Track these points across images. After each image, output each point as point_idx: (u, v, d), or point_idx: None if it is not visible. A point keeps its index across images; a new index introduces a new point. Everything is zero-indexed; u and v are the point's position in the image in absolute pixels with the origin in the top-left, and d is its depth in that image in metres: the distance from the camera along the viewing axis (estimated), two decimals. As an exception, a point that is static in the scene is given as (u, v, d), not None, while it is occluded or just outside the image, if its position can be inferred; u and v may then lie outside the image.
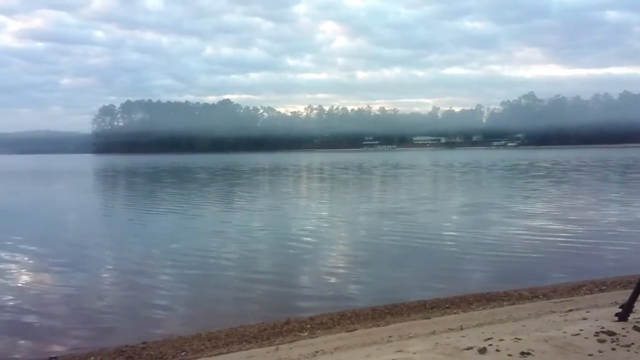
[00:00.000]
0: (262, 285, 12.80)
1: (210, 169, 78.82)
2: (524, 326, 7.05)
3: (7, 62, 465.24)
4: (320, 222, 22.45)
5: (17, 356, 8.77)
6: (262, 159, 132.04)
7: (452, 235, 18.53)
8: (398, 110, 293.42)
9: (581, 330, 6.07)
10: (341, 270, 14.02)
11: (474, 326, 7.57)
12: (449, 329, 7.53)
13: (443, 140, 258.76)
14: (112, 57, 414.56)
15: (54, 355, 8.61)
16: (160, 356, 8.18)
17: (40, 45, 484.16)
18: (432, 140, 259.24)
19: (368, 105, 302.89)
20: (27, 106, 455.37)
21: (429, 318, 8.83)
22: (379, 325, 8.57)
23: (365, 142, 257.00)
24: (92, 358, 8.28)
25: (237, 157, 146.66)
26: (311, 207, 28.63)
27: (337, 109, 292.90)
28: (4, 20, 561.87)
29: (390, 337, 7.32)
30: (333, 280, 13.08)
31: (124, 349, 8.54)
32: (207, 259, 15.59)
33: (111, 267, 15.17)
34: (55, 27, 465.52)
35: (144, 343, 8.81)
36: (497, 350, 5.56)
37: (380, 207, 27.00)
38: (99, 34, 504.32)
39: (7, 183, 57.64)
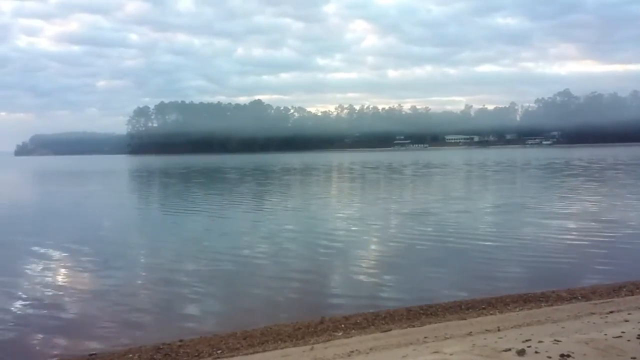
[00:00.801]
0: (294, 284, 12.86)
1: (240, 169, 79.44)
2: (563, 328, 6.94)
3: (45, 65, 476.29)
4: (349, 222, 22.40)
5: (57, 352, 8.99)
6: (293, 158, 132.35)
7: (485, 236, 18.27)
8: (430, 109, 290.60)
9: (623, 332, 5.95)
10: (372, 271, 13.98)
11: (512, 327, 7.48)
12: (486, 330, 7.44)
13: (476, 138, 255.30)
14: (146, 59, 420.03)
15: (93, 352, 8.80)
16: (196, 354, 8.28)
17: (76, 48, 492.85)
18: (464, 139, 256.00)
19: (399, 104, 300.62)
20: (64, 108, 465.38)
21: (464, 319, 8.73)
22: (414, 326, 8.51)
23: (396, 142, 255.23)
24: (131, 355, 8.41)
25: (268, 157, 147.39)
26: (340, 207, 28.57)
27: (367, 108, 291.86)
28: (41, 25, 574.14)
29: (426, 337, 7.27)
30: (364, 280, 13.06)
31: (161, 347, 8.67)
32: (239, 259, 15.71)
33: (146, 265, 15.45)
34: (90, 30, 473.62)
35: (180, 341, 8.93)
36: (536, 352, 5.48)
37: (409, 208, 26.77)
38: (132, 37, 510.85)
39: (48, 183, 59.08)
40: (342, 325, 9.05)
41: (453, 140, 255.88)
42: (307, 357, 7.17)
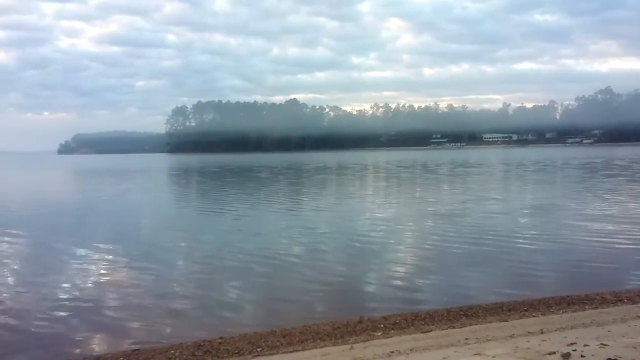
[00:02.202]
0: (329, 284, 12.87)
1: (273, 168, 79.72)
2: (609, 331, 6.79)
3: (86, 66, 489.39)
4: (382, 223, 22.20)
5: (100, 348, 9.20)
6: (327, 157, 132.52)
7: (522, 238, 17.88)
8: (467, 107, 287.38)
9: (673, 337, 5.77)
10: (407, 271, 13.89)
11: (555, 330, 7.34)
12: (529, 332, 7.33)
13: (514, 137, 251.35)
14: (183, 59, 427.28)
15: (136, 348, 8.98)
16: (236, 351, 8.37)
17: (115, 49, 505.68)
18: (502, 137, 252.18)
19: (435, 103, 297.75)
20: (105, 108, 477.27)
21: (506, 321, 8.60)
22: (454, 327, 8.43)
23: (432, 140, 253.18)
24: (172, 351, 8.55)
25: (302, 156, 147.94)
26: (372, 207, 28.40)
27: (403, 106, 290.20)
28: (82, 27, 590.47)
29: (467, 339, 7.20)
30: (400, 280, 12.99)
31: (202, 344, 8.79)
32: (273, 258, 15.74)
33: (182, 264, 15.67)
34: (129, 31, 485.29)
35: (221, 338, 9.04)
36: (582, 356, 5.37)
37: (443, 208, 26.45)
38: (170, 37, 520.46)
39: (89, 181, 60.53)
40: (381, 325, 9.02)
41: (491, 139, 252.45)
42: (347, 356, 7.18)
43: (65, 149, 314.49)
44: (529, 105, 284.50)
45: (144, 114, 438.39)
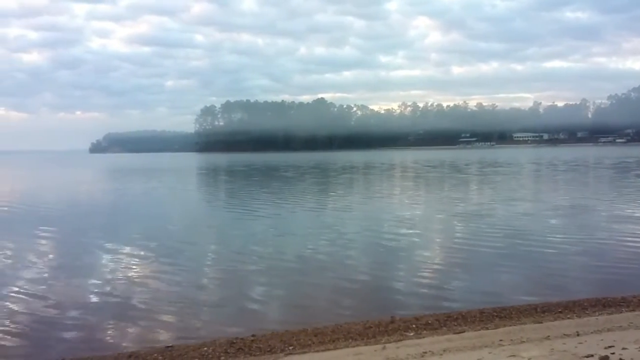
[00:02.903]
0: (358, 283, 12.89)
1: (299, 167, 79.88)
2: (648, 335, 6.65)
3: (117, 66, 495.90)
4: (408, 223, 22.08)
5: (134, 344, 9.34)
6: (355, 157, 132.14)
7: (553, 239, 17.59)
8: (496, 106, 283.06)
9: None
10: (436, 271, 13.81)
11: (592, 332, 7.23)
12: (564, 334, 7.23)
13: (545, 136, 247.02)
14: (212, 59, 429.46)
15: (169, 345, 9.11)
16: (269, 349, 8.43)
17: (146, 49, 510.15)
18: (533, 136, 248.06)
19: (464, 101, 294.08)
20: (135, 108, 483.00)
21: (540, 322, 8.49)
22: (487, 328, 8.36)
23: (461, 140, 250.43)
24: (205, 348, 8.65)
25: (329, 155, 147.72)
26: (398, 207, 28.33)
27: (431, 105, 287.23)
28: (113, 27, 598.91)
29: (501, 340, 7.13)
30: (429, 280, 12.93)
31: (234, 341, 8.88)
32: (302, 257, 15.85)
33: (212, 262, 15.87)
34: (158, 31, 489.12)
35: (253, 336, 9.12)
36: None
37: (471, 208, 26.19)
38: (199, 38, 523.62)
39: (120, 180, 61.44)
40: (413, 326, 8.99)
41: (521, 138, 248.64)
42: (380, 356, 7.18)
43: (97, 148, 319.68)
44: (560, 103, 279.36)
45: (173, 113, 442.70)
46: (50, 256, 17.04)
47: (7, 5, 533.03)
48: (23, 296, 12.34)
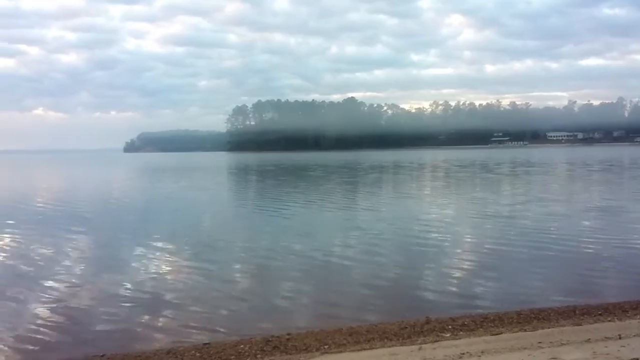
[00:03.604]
0: (389, 283, 12.88)
1: (328, 167, 79.77)
2: (694, 339, 6.49)
3: (151, 66, 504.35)
4: (439, 223, 21.82)
5: (172, 341, 9.47)
6: (385, 156, 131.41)
7: (587, 241, 17.22)
8: (530, 105, 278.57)
9: None
10: (468, 273, 13.68)
11: (634, 336, 7.08)
12: (605, 337, 7.09)
13: (580, 136, 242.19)
14: (244, 59, 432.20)
15: (206, 342, 9.22)
16: (304, 348, 8.48)
17: (179, 49, 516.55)
18: (567, 136, 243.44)
19: (497, 100, 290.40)
20: (168, 107, 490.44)
21: (580, 325, 8.36)
22: (525, 330, 8.25)
23: (494, 139, 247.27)
24: (242, 346, 8.74)
25: (359, 155, 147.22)
26: (428, 207, 28.05)
27: (463, 104, 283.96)
28: (148, 28, 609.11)
29: (540, 343, 7.04)
30: (462, 281, 12.84)
31: (270, 339, 8.95)
32: (331, 257, 15.83)
33: (243, 260, 15.96)
34: (192, 32, 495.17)
35: (288, 334, 9.17)
36: (668, 364, 5.17)
37: (502, 209, 25.80)
38: (231, 37, 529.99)
39: (151, 179, 62.40)
40: (449, 327, 8.93)
41: (555, 138, 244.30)
42: (416, 356, 7.16)
43: (131, 147, 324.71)
44: (595, 102, 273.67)
45: (205, 113, 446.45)
46: (87, 253, 17.44)
47: (47, 7, 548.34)
48: (60, 292, 12.65)
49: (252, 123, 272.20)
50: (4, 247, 18.59)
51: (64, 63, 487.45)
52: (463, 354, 6.83)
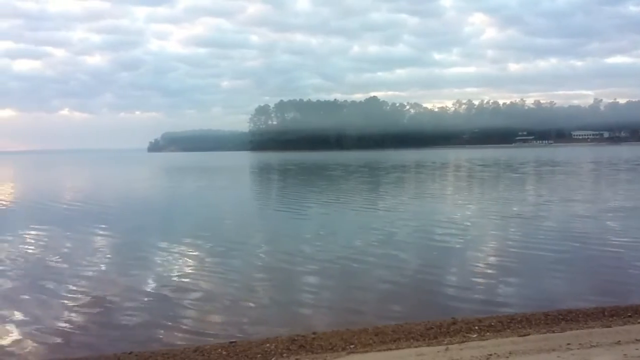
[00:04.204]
0: (412, 284, 12.88)
1: (348, 166, 79.59)
2: None
3: (175, 67, 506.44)
4: (461, 223, 21.64)
5: (199, 339, 9.58)
6: (407, 155, 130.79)
7: (613, 242, 16.96)
8: (555, 104, 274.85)
9: None
10: (493, 274, 13.57)
11: (666, 338, 6.98)
12: (636, 339, 6.99)
13: (606, 134, 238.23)
14: (266, 59, 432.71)
15: (233, 340, 9.30)
16: (330, 347, 8.50)
17: (202, 50, 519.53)
18: (593, 135, 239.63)
19: (521, 99, 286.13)
20: (191, 107, 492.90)
21: (609, 326, 8.25)
22: (553, 332, 8.17)
23: (518, 138, 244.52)
24: (268, 344, 8.79)
25: (381, 154, 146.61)
26: (448, 207, 27.90)
27: (487, 103, 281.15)
28: (171, 29, 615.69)
29: (568, 344, 6.96)
30: (486, 282, 12.76)
31: (296, 338, 8.99)
32: (353, 257, 15.76)
33: (264, 260, 16.05)
34: (214, 33, 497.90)
35: (314, 333, 9.21)
36: (702, 368, 5.09)
37: (525, 209, 25.46)
38: (253, 38, 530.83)
39: (174, 178, 63.02)
40: (476, 327, 8.88)
41: (580, 137, 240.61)
42: (443, 357, 7.14)
43: (155, 147, 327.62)
44: (622, 100, 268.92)
45: (228, 113, 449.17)
46: (112, 251, 17.70)
47: (72, 9, 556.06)
48: (87, 289, 12.87)
49: (274, 123, 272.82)
50: (34, 244, 18.99)
51: (89, 64, 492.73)
52: (490, 355, 6.80)
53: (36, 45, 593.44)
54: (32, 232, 21.55)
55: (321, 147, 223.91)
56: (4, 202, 34.92)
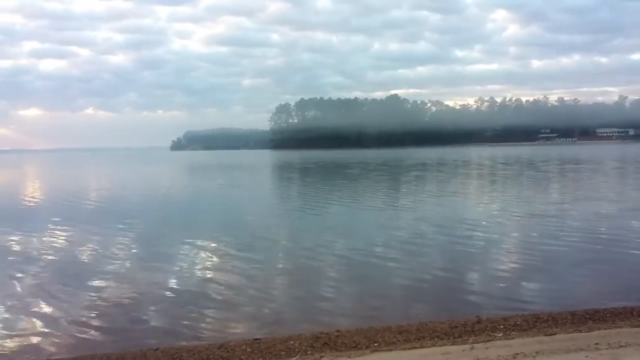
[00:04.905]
0: (434, 282, 12.80)
1: (367, 164, 79.32)
2: None
3: (196, 66, 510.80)
4: (482, 223, 21.34)
5: (223, 335, 9.65)
6: (428, 153, 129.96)
7: (636, 242, 16.63)
8: (579, 101, 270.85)
9: None
10: (516, 273, 13.44)
11: (696, 339, 6.86)
12: (666, 340, 6.89)
13: (631, 132, 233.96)
14: (287, 57, 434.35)
15: (257, 337, 9.36)
16: (354, 345, 8.50)
17: (223, 49, 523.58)
18: (618, 132, 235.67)
19: (544, 96, 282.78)
20: (213, 106, 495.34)
21: (638, 326, 8.13)
22: (580, 331, 8.08)
23: (541, 135, 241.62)
24: (292, 342, 8.83)
25: (402, 152, 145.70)
26: (469, 206, 27.70)
27: (510, 100, 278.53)
28: (193, 28, 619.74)
29: (597, 344, 6.88)
30: (510, 281, 12.64)
31: (319, 336, 9.01)
32: (373, 256, 15.70)
33: (284, 258, 16.05)
34: (236, 31, 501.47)
35: (337, 331, 9.22)
36: None
37: (548, 208, 25.06)
38: (274, 37, 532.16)
39: (195, 176, 63.51)
40: (501, 326, 8.81)
41: (605, 134, 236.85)
42: (468, 356, 7.10)
43: (177, 146, 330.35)
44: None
45: (249, 111, 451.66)
46: (136, 248, 17.90)
47: (96, 9, 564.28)
48: (111, 286, 13.02)
49: (295, 121, 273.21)
50: (60, 240, 19.32)
51: (112, 64, 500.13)
52: (517, 354, 6.75)
53: (61, 45, 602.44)
54: (59, 228, 21.91)
55: (342, 145, 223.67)
56: (32, 199, 35.56)
